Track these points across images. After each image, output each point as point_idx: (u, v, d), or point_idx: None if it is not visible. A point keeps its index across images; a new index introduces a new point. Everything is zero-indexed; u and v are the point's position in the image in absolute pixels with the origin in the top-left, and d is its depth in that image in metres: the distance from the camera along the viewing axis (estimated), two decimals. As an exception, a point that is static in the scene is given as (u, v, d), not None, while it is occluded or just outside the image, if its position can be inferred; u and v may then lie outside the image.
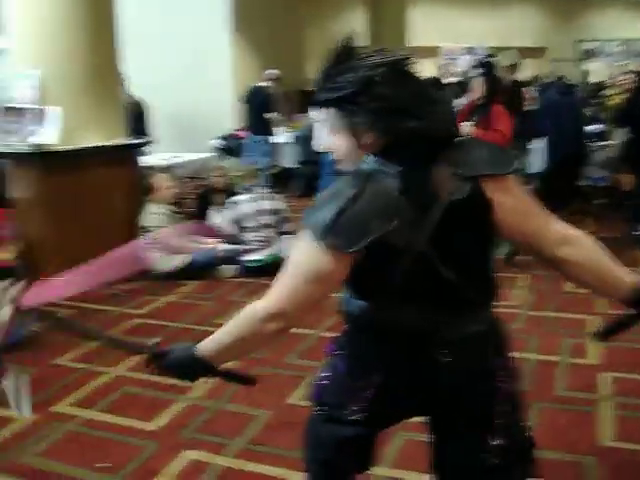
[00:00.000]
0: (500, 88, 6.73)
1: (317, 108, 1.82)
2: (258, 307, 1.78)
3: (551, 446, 3.11)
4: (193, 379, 1.96)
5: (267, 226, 6.32)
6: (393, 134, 1.71)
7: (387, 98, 1.69)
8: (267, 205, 6.41)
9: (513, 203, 1.81)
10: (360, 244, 1.66)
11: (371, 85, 1.69)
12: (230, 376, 2.03)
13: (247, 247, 6.32)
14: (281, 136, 10.58)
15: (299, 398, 3.75)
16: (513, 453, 1.90)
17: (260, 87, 9.81)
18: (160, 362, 1.92)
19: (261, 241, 6.28)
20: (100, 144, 6.05)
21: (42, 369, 4.35)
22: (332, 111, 1.77)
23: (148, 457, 3.29)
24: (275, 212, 6.41)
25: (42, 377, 4.23)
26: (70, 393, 4.00)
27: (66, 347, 4.64)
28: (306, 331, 4.73)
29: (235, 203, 6.44)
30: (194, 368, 1.89)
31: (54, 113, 5.87)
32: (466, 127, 5.71)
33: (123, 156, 6.34)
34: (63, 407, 3.84)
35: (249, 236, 6.32)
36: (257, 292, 5.70)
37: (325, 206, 1.71)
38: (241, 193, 6.60)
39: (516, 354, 2.02)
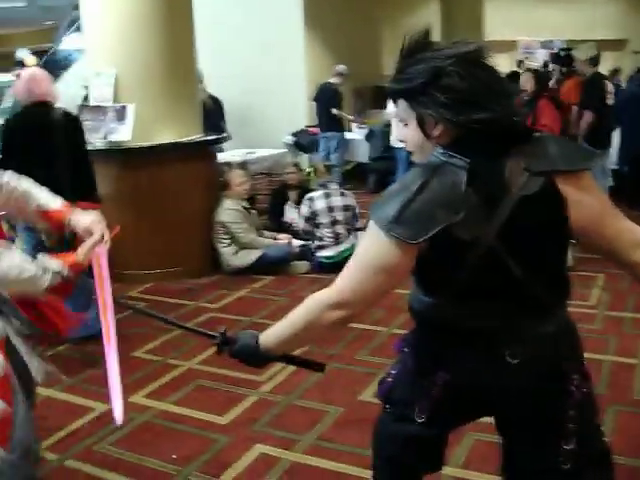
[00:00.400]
0: (546, 83, 6.55)
1: (390, 100, 1.84)
2: (322, 295, 1.79)
3: (627, 452, 3.00)
4: (261, 366, 2.01)
5: (340, 222, 6.32)
6: (462, 126, 1.69)
7: (456, 89, 1.67)
8: (340, 201, 6.41)
9: (589, 202, 1.75)
10: (425, 235, 1.64)
11: (440, 76, 1.67)
12: (298, 362, 2.09)
13: (320, 243, 6.34)
14: (354, 132, 10.55)
15: (370, 395, 3.73)
16: (586, 458, 1.84)
17: (328, 83, 9.81)
18: (228, 349, 1.99)
19: (334, 237, 6.29)
20: (176, 140, 6.15)
21: (119, 361, 4.44)
22: (403, 102, 1.78)
23: (219, 450, 3.34)
24: (348, 208, 6.40)
25: (119, 368, 4.33)
26: (145, 385, 4.08)
27: (142, 340, 4.74)
28: (378, 328, 4.72)
29: (309, 199, 6.46)
30: (258, 357, 1.94)
31: (130, 110, 6.00)
32: None
33: (199, 152, 6.43)
34: (138, 398, 3.93)
35: (322, 232, 6.33)
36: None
37: (392, 198, 1.70)
38: (315, 189, 6.62)
39: (592, 356, 1.95)
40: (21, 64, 11.08)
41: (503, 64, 1.80)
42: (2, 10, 16.06)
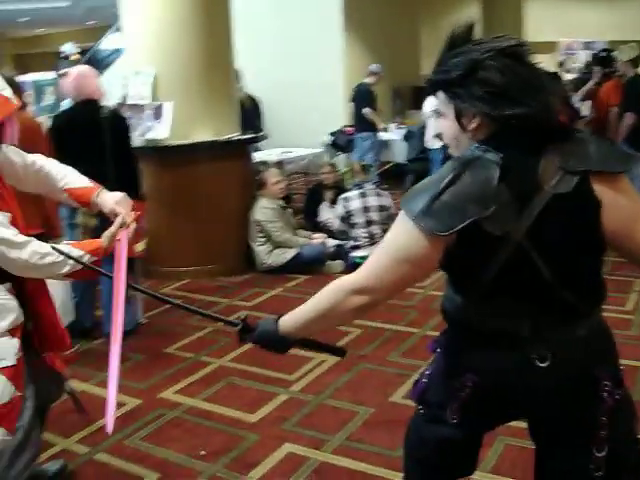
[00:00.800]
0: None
1: (429, 94, 1.85)
2: (348, 280, 1.79)
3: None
4: (281, 351, 1.96)
5: (376, 222, 6.29)
6: (497, 120, 1.68)
7: (493, 83, 1.66)
8: (376, 201, 6.38)
9: (624, 205, 1.70)
10: (453, 228, 1.62)
11: (477, 69, 1.67)
12: (319, 346, 2.07)
13: (355, 243, 6.31)
14: (392, 132, 10.49)
15: (401, 397, 3.70)
16: (619, 467, 1.79)
17: (363, 83, 9.77)
18: (249, 336, 1.98)
19: (369, 237, 6.25)
20: (213, 139, 6.16)
21: (151, 356, 4.48)
22: (441, 95, 1.78)
23: (248, 447, 3.33)
24: (383, 208, 6.36)
25: (151, 364, 4.36)
26: (177, 381, 4.10)
27: (175, 337, 4.76)
28: (411, 329, 4.68)
29: (344, 199, 6.44)
30: (278, 342, 1.93)
31: (168, 109, 6.04)
32: None
33: (236, 151, 6.44)
34: (169, 394, 3.94)
35: (357, 232, 6.30)
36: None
37: (423, 190, 1.69)
38: (351, 189, 6.59)
39: (629, 362, 1.90)
40: (66, 58, 11.35)
41: (544, 65, 1.78)
42: (46, 10, 16.33)
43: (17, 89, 4.31)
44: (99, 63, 17.31)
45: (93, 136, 4.65)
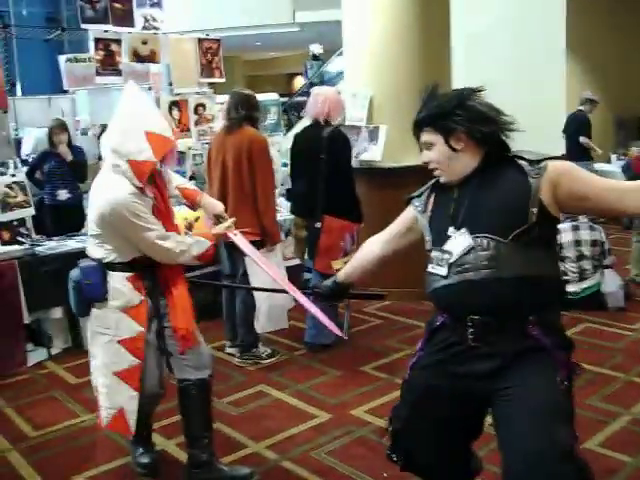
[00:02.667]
0: None
1: (419, 129, 2.39)
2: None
3: None
4: (334, 299, 3.23)
5: (587, 257, 5.98)
6: (481, 138, 2.26)
7: (477, 110, 2.27)
8: (588, 235, 6.07)
9: (566, 184, 2.21)
10: None
11: (464, 102, 2.28)
12: (361, 295, 3.42)
13: (564, 277, 6.05)
14: (613, 164, 9.95)
15: (596, 444, 3.50)
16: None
17: (578, 111, 9.37)
18: (319, 293, 2.89)
19: (579, 272, 5.97)
20: (422, 163, 6.19)
21: (347, 373, 4.58)
22: (429, 129, 2.32)
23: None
24: (596, 243, 6.05)
25: (346, 381, 4.46)
26: (368, 400, 4.15)
27: (373, 356, 4.83)
28: (615, 373, 4.41)
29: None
30: (335, 290, 2.84)
31: (382, 131, 6.16)
32: None
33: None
34: (360, 412, 4.01)
35: (567, 266, 6.04)
36: (571, 325, 5.40)
37: None
38: (563, 221, 6.34)
39: None
40: (315, 58, 12.02)
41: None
42: (277, 35, 17.25)
43: (253, 106, 4.58)
44: (324, 85, 17.98)
45: (311, 157, 4.88)
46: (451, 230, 2.30)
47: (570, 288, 5.89)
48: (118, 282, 3.05)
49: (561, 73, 10.52)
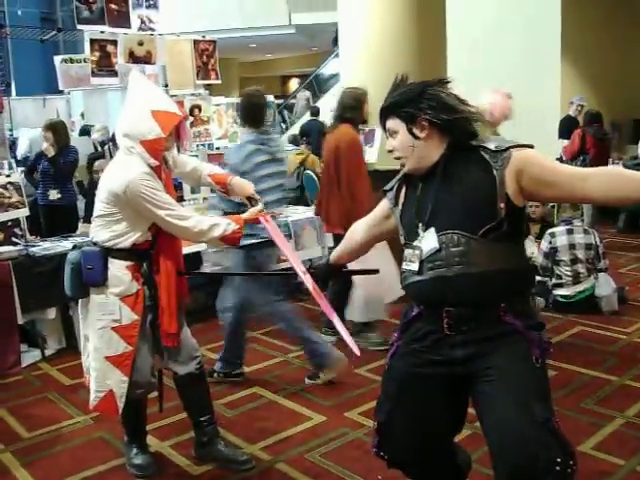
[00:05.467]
0: None
1: (382, 118, 2.41)
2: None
3: None
4: (327, 278, 3.41)
5: (581, 261, 6.00)
6: (444, 125, 2.28)
7: (439, 98, 2.30)
8: (582, 239, 6.08)
9: (529, 172, 2.25)
10: None
11: (426, 91, 2.31)
12: (355, 272, 3.57)
13: (558, 281, 6.05)
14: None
15: (590, 447, 3.51)
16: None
17: (567, 117, 9.41)
18: (313, 274, 2.96)
19: (573, 276, 5.98)
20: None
21: (342, 376, 4.57)
22: (393, 117, 2.35)
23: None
24: (590, 247, 6.05)
25: (341, 383, 4.45)
26: (362, 403, 4.14)
27: (366, 359, 4.80)
28: (609, 377, 4.42)
29: (551, 234, 6.19)
30: (327, 271, 2.96)
31: (378, 133, 6.17)
32: None
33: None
34: (354, 414, 4.00)
35: (561, 270, 6.05)
36: (565, 329, 5.41)
37: None
38: (557, 225, 6.35)
39: None
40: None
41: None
42: (272, 37, 17.27)
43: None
44: (319, 87, 18.08)
45: None
46: (420, 227, 2.33)
47: (564, 291, 5.91)
48: (118, 270, 3.14)
49: (556, 77, 10.55)
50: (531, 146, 2.30)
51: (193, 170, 3.53)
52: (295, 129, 14.64)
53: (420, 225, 2.33)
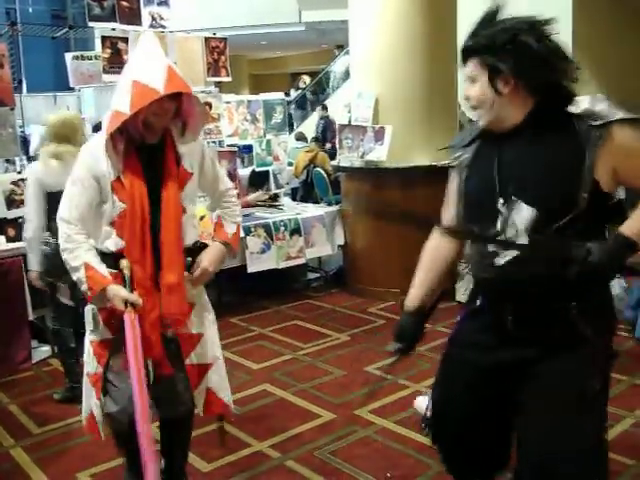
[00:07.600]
0: None
1: (465, 60, 2.05)
2: None
3: None
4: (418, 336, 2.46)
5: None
6: (531, 83, 1.94)
7: (531, 50, 1.90)
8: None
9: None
10: None
11: (517, 37, 1.91)
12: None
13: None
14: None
15: (601, 446, 3.49)
16: None
17: None
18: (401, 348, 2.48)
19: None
20: (429, 164, 6.17)
21: (352, 373, 4.58)
22: (475, 61, 2.00)
23: (433, 475, 3.29)
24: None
25: (350, 381, 4.46)
26: (373, 400, 4.12)
27: (376, 357, 4.81)
28: (618, 376, 4.40)
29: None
30: (416, 324, 2.45)
31: (387, 132, 6.16)
32: None
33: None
34: (364, 412, 4.00)
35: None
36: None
37: None
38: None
39: None
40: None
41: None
42: (282, 34, 17.27)
43: None
44: (330, 83, 18.05)
45: None
46: (500, 200, 2.04)
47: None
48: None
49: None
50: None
51: (215, 202, 3.07)
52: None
53: (500, 198, 2.03)
